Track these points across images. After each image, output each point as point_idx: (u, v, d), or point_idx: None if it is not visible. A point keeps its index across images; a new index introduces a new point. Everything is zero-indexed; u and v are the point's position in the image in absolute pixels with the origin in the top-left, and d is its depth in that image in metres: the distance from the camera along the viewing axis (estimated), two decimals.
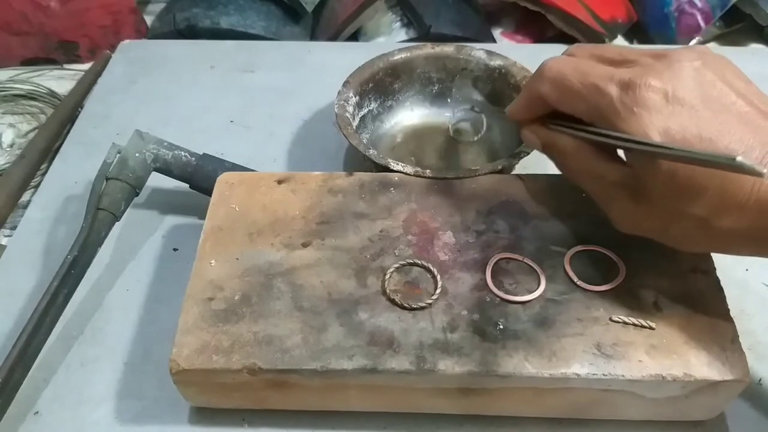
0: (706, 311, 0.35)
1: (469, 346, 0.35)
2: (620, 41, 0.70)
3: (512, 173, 0.45)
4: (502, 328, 0.35)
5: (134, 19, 0.70)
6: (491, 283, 0.37)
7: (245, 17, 0.70)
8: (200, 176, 0.47)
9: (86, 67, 0.68)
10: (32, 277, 0.47)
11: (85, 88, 0.64)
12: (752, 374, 0.36)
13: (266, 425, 0.39)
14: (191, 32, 0.69)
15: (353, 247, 0.39)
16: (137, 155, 0.46)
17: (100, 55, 0.69)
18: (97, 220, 0.43)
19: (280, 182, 0.43)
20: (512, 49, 0.69)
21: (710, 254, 0.38)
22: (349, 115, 0.49)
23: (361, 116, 0.52)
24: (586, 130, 0.34)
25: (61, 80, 0.67)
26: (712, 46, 0.70)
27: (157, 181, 0.48)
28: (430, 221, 0.41)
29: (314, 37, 0.74)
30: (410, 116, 0.56)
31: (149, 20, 0.74)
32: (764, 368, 0.40)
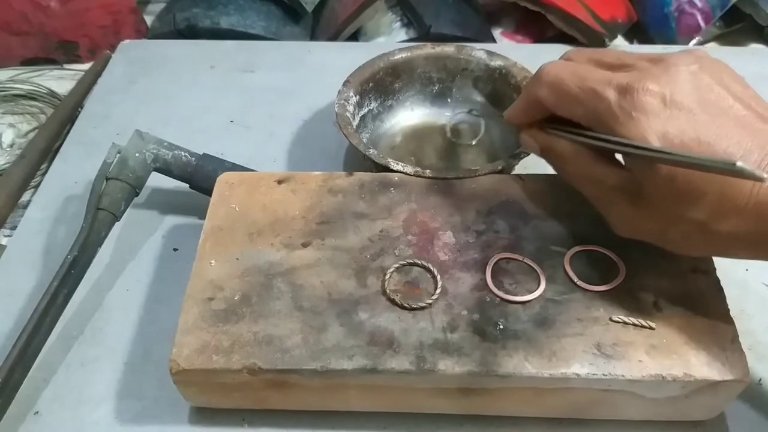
0: (706, 311, 0.35)
1: (469, 346, 0.35)
2: (620, 41, 0.70)
3: (512, 173, 0.45)
4: (502, 328, 0.35)
5: (134, 19, 0.70)
6: (491, 283, 0.37)
7: (245, 17, 0.70)
8: (200, 176, 0.47)
9: (86, 67, 0.68)
10: (32, 277, 0.47)
11: (85, 88, 0.64)
12: (752, 374, 0.36)
13: (266, 425, 0.39)
14: (191, 32, 0.69)
15: (353, 247, 0.39)
16: (137, 155, 0.46)
17: (100, 55, 0.69)
18: (97, 220, 0.43)
19: (280, 182, 0.43)
20: (512, 49, 0.69)
21: None
22: (349, 114, 0.49)
23: (361, 116, 0.52)
24: (584, 134, 0.34)
25: (61, 80, 0.67)
26: (712, 46, 0.70)
27: (157, 181, 0.48)
28: (430, 221, 0.41)
29: (314, 37, 0.74)
30: (410, 116, 0.56)
31: (149, 20, 0.74)
32: (764, 368, 0.40)
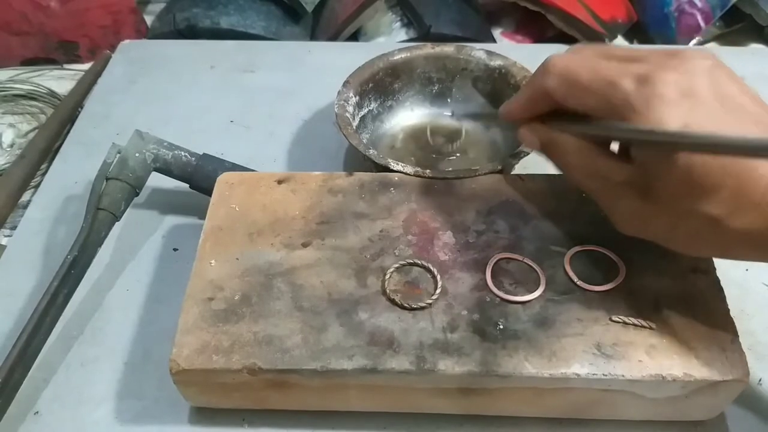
0: (706, 311, 0.35)
1: (469, 346, 0.35)
2: (620, 41, 0.70)
3: (512, 173, 0.45)
4: (502, 328, 0.35)
5: (134, 19, 0.70)
6: (491, 283, 0.37)
7: (245, 17, 0.70)
8: (200, 176, 0.47)
9: (86, 67, 0.68)
10: (32, 277, 0.47)
11: (85, 88, 0.64)
12: (752, 374, 0.36)
13: (266, 425, 0.39)
14: (191, 32, 0.69)
15: (353, 247, 0.39)
16: (137, 155, 0.46)
17: (100, 55, 0.69)
18: (97, 220, 0.43)
19: (280, 182, 0.43)
20: (512, 49, 0.69)
21: None
22: (349, 115, 0.49)
23: (361, 116, 0.52)
24: (594, 126, 0.33)
25: (61, 80, 0.67)
26: (712, 46, 0.70)
27: (157, 181, 0.48)
28: (430, 221, 0.41)
29: (314, 37, 0.74)
30: (410, 116, 0.56)
31: (149, 20, 0.74)
32: (764, 368, 0.40)
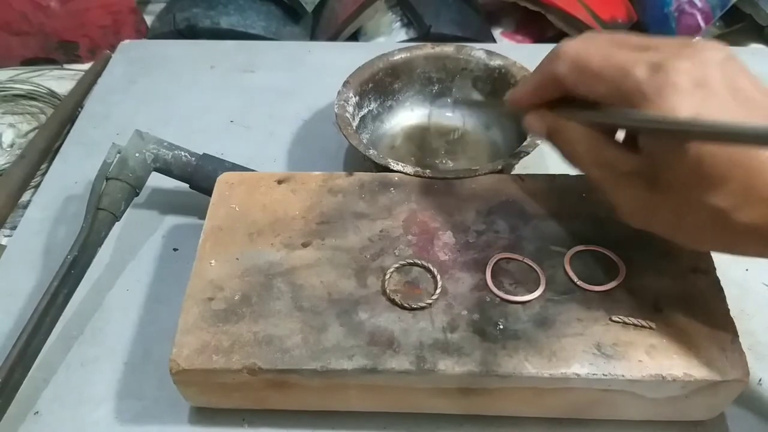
0: (706, 311, 0.35)
1: (469, 346, 0.35)
2: None
3: (512, 173, 0.45)
4: (502, 328, 0.35)
5: (134, 19, 0.70)
6: (491, 283, 0.37)
7: (245, 17, 0.70)
8: (200, 176, 0.47)
9: (86, 67, 0.68)
10: (32, 277, 0.47)
11: (85, 88, 0.64)
12: (752, 374, 0.36)
13: (266, 425, 0.39)
14: (191, 32, 0.69)
15: (353, 247, 0.39)
16: (137, 155, 0.46)
17: (100, 55, 0.69)
18: (97, 220, 0.43)
19: (280, 182, 0.43)
20: (512, 49, 0.69)
21: (710, 254, 0.38)
22: (349, 115, 0.49)
23: (361, 116, 0.52)
24: (606, 113, 0.32)
25: (61, 80, 0.67)
26: None
27: (157, 181, 0.48)
28: (430, 221, 0.41)
29: (314, 37, 0.74)
30: (410, 116, 0.56)
31: (149, 20, 0.74)
32: (764, 368, 0.40)
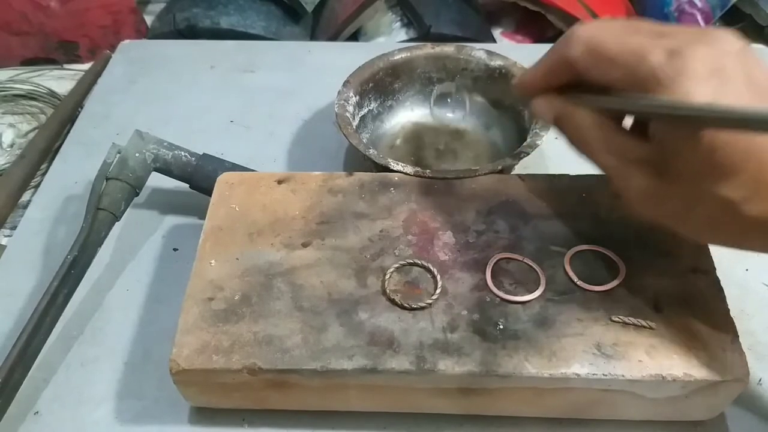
0: (706, 311, 0.35)
1: (469, 346, 0.35)
2: None
3: (512, 173, 0.45)
4: (502, 328, 0.35)
5: (134, 19, 0.70)
6: (491, 283, 0.37)
7: (245, 17, 0.70)
8: (200, 176, 0.47)
9: (86, 67, 0.68)
10: (32, 277, 0.47)
11: (85, 88, 0.65)
12: (752, 374, 0.36)
13: (266, 425, 0.39)
14: (191, 32, 0.69)
15: (353, 247, 0.39)
16: (137, 155, 0.46)
17: (100, 55, 0.69)
18: (97, 220, 0.43)
19: (280, 182, 0.43)
20: (512, 49, 0.69)
21: (710, 254, 0.38)
22: (349, 114, 0.49)
23: (361, 116, 0.52)
24: (619, 98, 0.31)
25: (61, 80, 0.67)
26: None
27: (157, 181, 0.48)
28: (430, 221, 0.41)
29: (314, 37, 0.74)
30: (410, 116, 0.56)
31: (149, 20, 0.74)
32: (764, 368, 0.40)
